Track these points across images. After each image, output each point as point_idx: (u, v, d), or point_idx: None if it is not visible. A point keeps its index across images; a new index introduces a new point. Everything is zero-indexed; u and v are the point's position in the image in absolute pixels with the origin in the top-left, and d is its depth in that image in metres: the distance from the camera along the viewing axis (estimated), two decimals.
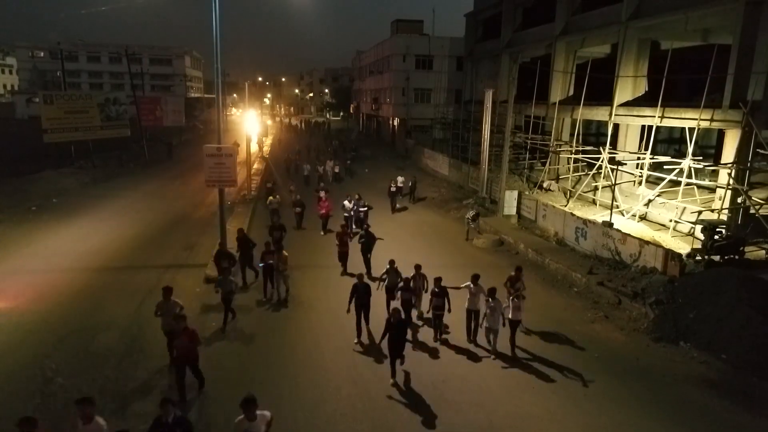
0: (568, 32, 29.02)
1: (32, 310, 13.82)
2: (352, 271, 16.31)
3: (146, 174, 36.90)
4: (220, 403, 9.85)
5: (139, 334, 12.57)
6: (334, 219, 21.85)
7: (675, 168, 20.21)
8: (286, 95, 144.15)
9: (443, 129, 45.03)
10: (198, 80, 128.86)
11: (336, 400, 10.10)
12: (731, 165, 18.31)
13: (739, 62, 18.51)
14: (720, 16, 20.10)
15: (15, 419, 6.78)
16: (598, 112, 26.27)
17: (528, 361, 11.76)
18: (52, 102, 36.77)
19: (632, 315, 14.02)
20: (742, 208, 18.39)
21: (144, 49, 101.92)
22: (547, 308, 14.87)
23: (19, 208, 24.65)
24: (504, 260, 19.14)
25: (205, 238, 20.59)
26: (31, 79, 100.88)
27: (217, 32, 16.07)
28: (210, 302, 14.46)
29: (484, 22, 41.41)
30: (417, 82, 54.52)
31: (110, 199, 27.82)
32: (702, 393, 10.65)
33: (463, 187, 31.88)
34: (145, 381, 10.64)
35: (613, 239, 17.61)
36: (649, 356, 12.11)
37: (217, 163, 16.60)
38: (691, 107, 20.66)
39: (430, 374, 11.05)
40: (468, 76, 43.21)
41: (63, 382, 10.42)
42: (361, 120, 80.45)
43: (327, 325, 13.42)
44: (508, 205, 24.05)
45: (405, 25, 58.45)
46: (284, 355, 11.82)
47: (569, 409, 9.98)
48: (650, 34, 24.44)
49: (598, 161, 23.93)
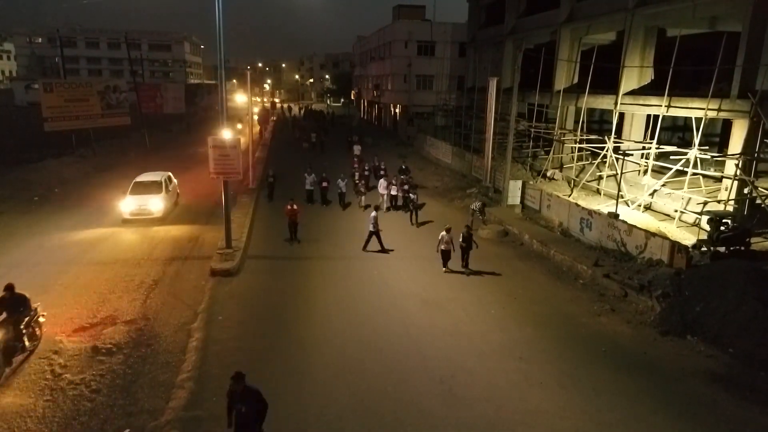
0: (573, 19, 28.71)
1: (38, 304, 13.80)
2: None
3: (148, 162, 36.62)
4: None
5: (145, 328, 12.57)
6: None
7: (681, 158, 20.09)
8: (286, 81, 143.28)
9: (445, 116, 44.80)
10: (198, 66, 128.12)
11: (345, 396, 10.11)
12: (738, 156, 18.18)
13: (748, 51, 18.33)
14: (729, 4, 19.86)
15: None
16: (603, 100, 26.09)
17: (535, 355, 11.77)
18: (52, 90, 36.42)
19: (639, 308, 14.02)
20: (748, 199, 18.32)
21: (143, 35, 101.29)
22: (554, 300, 14.87)
23: (21, 199, 24.56)
24: (509, 251, 19.13)
25: (209, 230, 20.53)
26: (29, 65, 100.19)
27: (220, 25, 15.85)
28: (216, 295, 14.47)
29: (487, 7, 40.98)
30: (419, 69, 54.14)
31: (112, 188, 27.62)
32: (710, 388, 10.66)
33: (466, 175, 31.75)
34: (153, 376, 10.63)
35: (619, 230, 17.56)
36: (657, 350, 12.12)
37: (222, 155, 16.51)
38: (698, 96, 20.51)
39: (438, 368, 11.05)
40: (471, 63, 42.85)
41: (71, 378, 10.43)
42: (363, 106, 80.00)
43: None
44: (512, 194, 23.97)
45: (407, 10, 57.91)
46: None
47: (578, 404, 9.99)
48: (657, 22, 24.17)
49: (603, 150, 23.80)
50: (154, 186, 22.25)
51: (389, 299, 14.63)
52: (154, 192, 21.91)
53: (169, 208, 22.64)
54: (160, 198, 21.83)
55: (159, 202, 21.64)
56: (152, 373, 10.72)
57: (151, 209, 21.32)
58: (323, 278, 16.22)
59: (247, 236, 19.51)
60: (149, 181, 22.55)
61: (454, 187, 29.26)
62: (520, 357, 11.68)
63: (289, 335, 12.49)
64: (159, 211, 21.49)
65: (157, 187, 22.24)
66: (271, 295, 14.85)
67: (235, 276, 16.04)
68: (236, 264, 16.53)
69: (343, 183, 25.08)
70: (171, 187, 23.49)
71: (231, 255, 17.08)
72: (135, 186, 22.07)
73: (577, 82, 29.35)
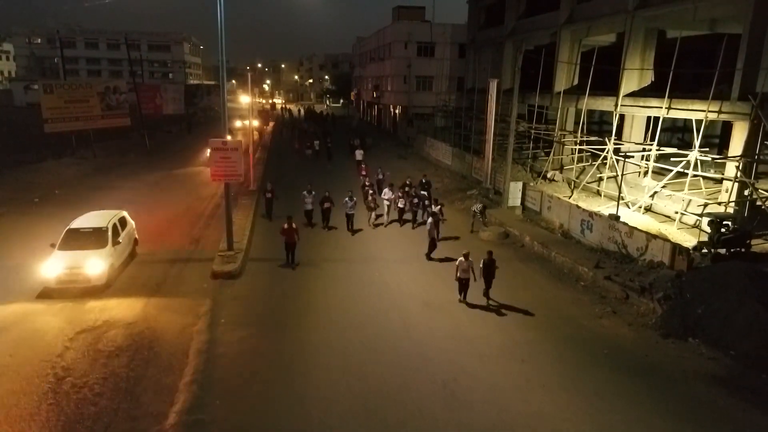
0: (573, 21, 28.75)
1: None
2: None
3: (148, 163, 36.70)
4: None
5: (147, 331, 12.57)
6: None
7: (681, 160, 20.12)
8: (285, 81, 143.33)
9: (445, 117, 44.80)
10: (197, 67, 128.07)
11: (347, 399, 10.13)
12: (739, 158, 18.22)
13: (749, 54, 18.36)
14: (729, 6, 19.90)
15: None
16: (603, 102, 26.13)
17: (537, 358, 11.79)
18: (52, 91, 36.49)
19: (640, 310, 14.05)
20: (749, 201, 18.37)
21: (142, 36, 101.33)
22: (555, 303, 14.90)
23: (22, 200, 24.61)
24: (510, 253, 19.13)
25: (210, 231, 20.56)
26: (28, 66, 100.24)
27: (221, 25, 15.87)
28: (219, 298, 14.49)
29: (486, 9, 41.00)
30: (419, 70, 54.13)
31: (113, 190, 27.70)
32: (711, 390, 10.69)
33: (466, 177, 31.76)
34: (156, 379, 10.64)
35: (620, 232, 17.58)
36: (658, 352, 12.15)
37: (223, 157, 16.52)
38: (698, 98, 20.54)
39: (441, 372, 11.08)
40: (470, 64, 42.86)
41: (75, 381, 10.43)
42: (362, 107, 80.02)
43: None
44: (513, 196, 23.99)
45: (407, 11, 57.88)
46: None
47: (580, 406, 10.02)
48: (657, 24, 24.22)
49: (603, 152, 23.84)
50: (95, 237, 15.54)
51: (390, 301, 14.67)
52: (93, 245, 15.19)
53: (117, 270, 15.94)
54: (102, 256, 14.99)
55: (100, 262, 14.79)
56: (155, 377, 10.73)
57: (87, 273, 14.54)
58: (324, 280, 16.23)
59: (249, 238, 19.51)
60: (89, 228, 15.87)
61: (455, 189, 29.27)
62: (522, 359, 11.71)
63: (291, 338, 12.52)
64: (99, 276, 14.69)
65: (98, 239, 15.47)
66: (273, 298, 14.86)
67: (236, 278, 16.07)
68: (238, 266, 16.55)
69: (352, 203, 20.90)
70: (123, 236, 16.64)
71: (233, 257, 17.10)
72: (67, 236, 15.51)
73: (577, 83, 29.38)
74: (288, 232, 16.99)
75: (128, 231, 17.44)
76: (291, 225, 17.06)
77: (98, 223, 16.14)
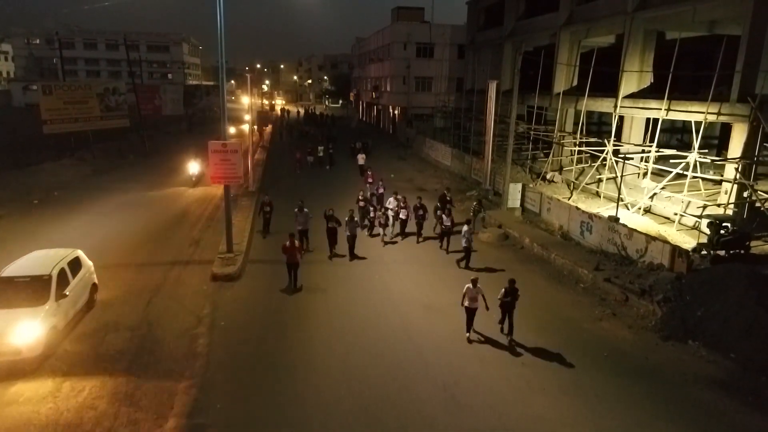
0: (572, 22, 28.77)
1: None
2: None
3: (147, 165, 36.64)
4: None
5: (148, 334, 12.56)
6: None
7: (681, 161, 20.14)
8: (285, 82, 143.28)
9: (444, 118, 44.81)
10: (196, 67, 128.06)
11: (348, 402, 10.12)
12: (738, 160, 18.24)
13: (748, 55, 18.38)
14: (729, 8, 19.92)
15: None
16: (602, 103, 26.14)
17: (537, 361, 11.79)
18: (51, 92, 36.47)
19: (640, 312, 14.05)
20: (748, 203, 18.38)
21: (141, 36, 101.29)
22: (554, 305, 14.91)
23: (21, 202, 24.55)
24: (509, 254, 19.14)
25: (210, 233, 20.53)
26: (27, 66, 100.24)
27: (221, 26, 15.86)
28: (219, 301, 14.47)
29: (486, 10, 41.02)
30: (418, 71, 54.22)
31: (112, 192, 27.65)
32: (712, 393, 10.70)
33: (465, 178, 31.77)
34: (156, 384, 10.62)
35: (619, 234, 17.58)
36: (658, 355, 12.16)
37: (223, 159, 16.50)
38: (697, 100, 20.56)
39: (441, 375, 11.08)
40: (470, 65, 42.89)
41: (74, 385, 10.41)
42: (361, 108, 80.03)
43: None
44: (512, 197, 23.98)
45: (406, 12, 57.93)
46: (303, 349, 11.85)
47: (580, 410, 10.03)
48: (656, 25, 24.24)
49: (603, 153, 23.85)
50: (33, 289, 11.66)
51: (391, 305, 14.65)
52: (28, 301, 11.40)
53: (61, 333, 12.01)
54: (38, 316, 11.17)
55: (34, 325, 10.97)
56: (155, 380, 10.71)
57: (15, 344, 10.68)
58: (325, 283, 16.20)
59: (248, 240, 19.49)
60: (25, 277, 11.94)
61: (454, 190, 29.14)
62: (522, 363, 11.71)
63: (291, 341, 12.51)
64: (32, 346, 10.85)
65: (36, 291, 11.62)
66: (273, 300, 14.84)
67: (236, 281, 16.05)
68: (238, 269, 16.53)
69: (353, 223, 18.21)
70: (74, 285, 12.69)
71: (232, 259, 17.08)
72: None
73: (576, 84, 29.40)
74: (290, 250, 15.35)
75: (82, 276, 13.43)
76: (293, 243, 15.45)
77: (39, 269, 12.14)
